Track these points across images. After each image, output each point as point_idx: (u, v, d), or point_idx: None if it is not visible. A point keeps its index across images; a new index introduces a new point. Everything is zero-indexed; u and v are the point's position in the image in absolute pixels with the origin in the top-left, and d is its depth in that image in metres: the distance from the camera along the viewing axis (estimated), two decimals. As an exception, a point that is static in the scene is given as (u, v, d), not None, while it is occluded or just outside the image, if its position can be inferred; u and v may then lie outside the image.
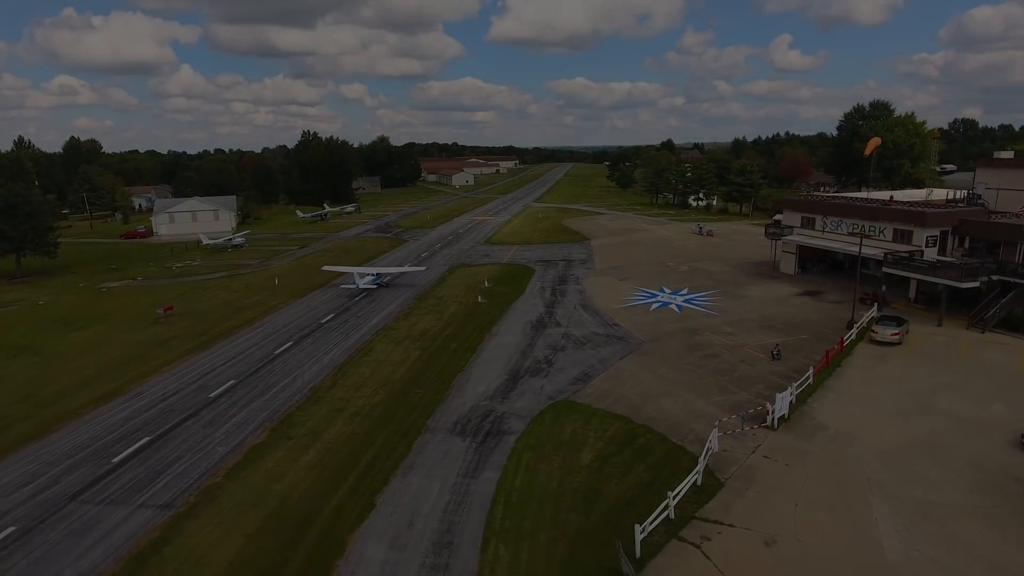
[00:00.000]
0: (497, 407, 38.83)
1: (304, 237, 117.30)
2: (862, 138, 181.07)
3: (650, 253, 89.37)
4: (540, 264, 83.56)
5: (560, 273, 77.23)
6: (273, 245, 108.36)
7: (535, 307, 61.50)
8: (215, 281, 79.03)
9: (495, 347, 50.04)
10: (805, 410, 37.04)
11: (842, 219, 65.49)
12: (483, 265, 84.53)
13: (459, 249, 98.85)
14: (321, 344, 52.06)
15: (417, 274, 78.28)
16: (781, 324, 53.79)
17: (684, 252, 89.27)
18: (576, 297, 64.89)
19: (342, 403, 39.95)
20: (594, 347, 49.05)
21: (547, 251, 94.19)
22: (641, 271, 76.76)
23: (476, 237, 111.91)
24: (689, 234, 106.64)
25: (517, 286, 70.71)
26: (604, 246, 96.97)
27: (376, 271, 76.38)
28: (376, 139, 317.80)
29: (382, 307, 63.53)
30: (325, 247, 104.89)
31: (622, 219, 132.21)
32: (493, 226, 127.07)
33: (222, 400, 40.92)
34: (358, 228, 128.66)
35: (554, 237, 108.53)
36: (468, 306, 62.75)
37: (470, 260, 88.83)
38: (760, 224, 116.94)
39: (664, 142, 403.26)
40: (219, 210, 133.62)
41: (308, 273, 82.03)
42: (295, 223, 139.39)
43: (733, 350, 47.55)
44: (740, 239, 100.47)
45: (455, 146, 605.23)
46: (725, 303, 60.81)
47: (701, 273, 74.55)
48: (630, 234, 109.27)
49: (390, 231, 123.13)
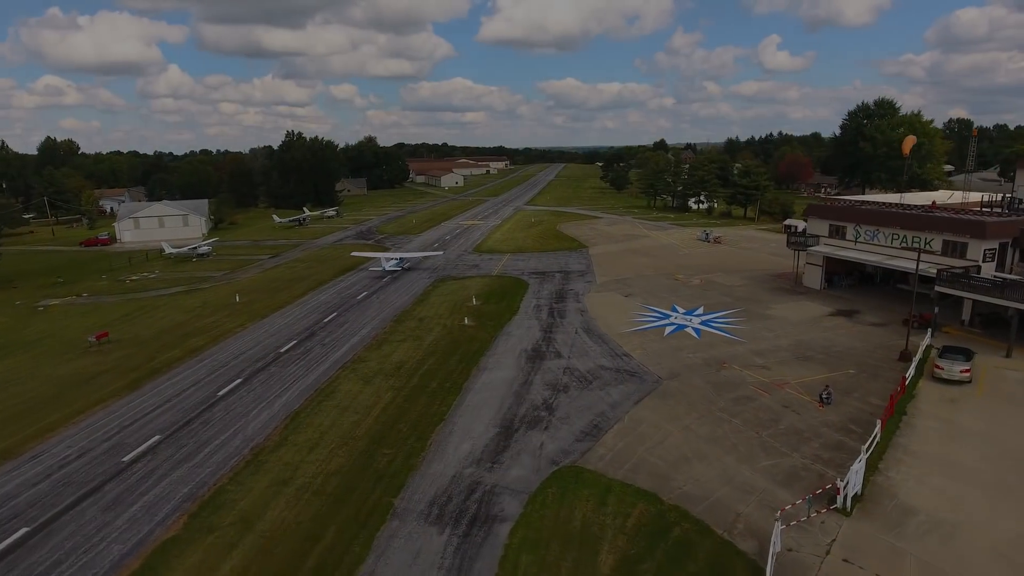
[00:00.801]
0: (486, 477, 30.44)
1: (278, 245, 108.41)
2: (866, 137, 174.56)
3: (655, 263, 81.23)
4: (534, 277, 75.22)
5: (557, 288, 68.93)
6: (243, 254, 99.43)
7: (530, 331, 53.14)
8: (168, 298, 70.13)
9: (484, 386, 41.64)
10: (880, 482, 28.87)
11: (879, 228, 57.57)
12: (471, 278, 76.10)
13: (445, 258, 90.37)
14: (275, 382, 43.45)
15: (436, 258, 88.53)
16: (820, 354, 45.72)
17: (692, 262, 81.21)
18: (577, 318, 56.60)
19: (288, 471, 31.42)
20: (603, 386, 40.76)
21: (542, 261, 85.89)
22: (648, 285, 68.57)
23: (464, 244, 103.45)
24: (695, 241, 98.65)
25: (509, 304, 62.35)
26: (604, 255, 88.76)
27: (400, 256, 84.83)
28: (363, 139, 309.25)
29: (354, 331, 54.99)
30: (298, 256, 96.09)
31: (620, 224, 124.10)
32: (483, 232, 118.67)
33: (137, 467, 32.27)
34: (338, 234, 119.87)
35: (549, 244, 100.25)
36: (453, 330, 54.31)
37: (457, 272, 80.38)
38: (768, 230, 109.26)
39: (657, 142, 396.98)
40: (188, 215, 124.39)
41: (275, 287, 73.33)
42: (271, 229, 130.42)
43: (771, 390, 39.38)
44: (750, 247, 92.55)
45: (445, 146, 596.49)
46: (750, 326, 52.69)
47: (716, 288, 66.44)
48: (630, 241, 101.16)
49: (371, 237, 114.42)
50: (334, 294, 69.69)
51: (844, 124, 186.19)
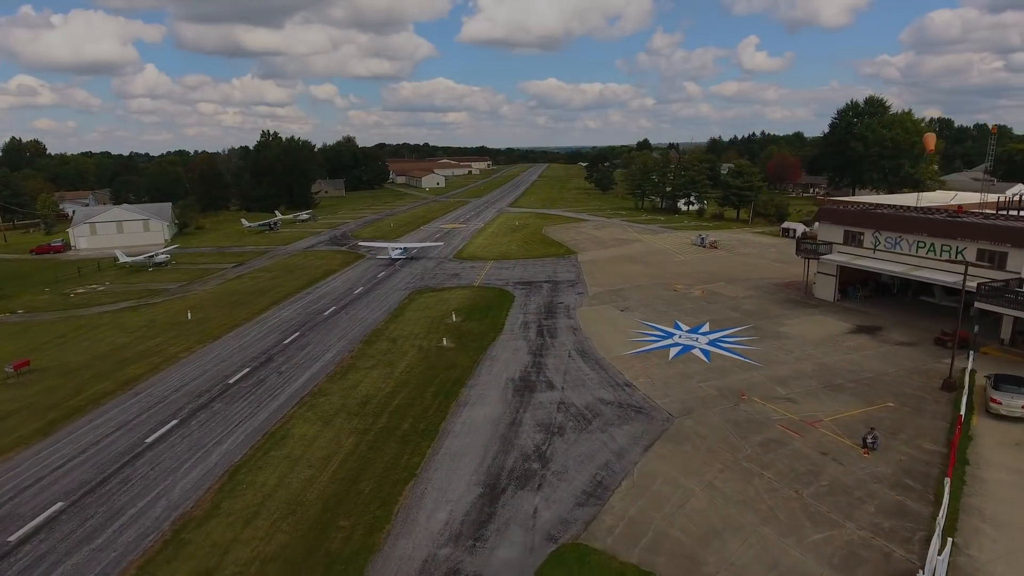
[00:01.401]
0: (465, 562, 24.12)
1: (244, 252, 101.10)
2: (857, 136, 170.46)
3: (650, 271, 75.35)
4: (520, 288, 68.96)
5: (546, 300, 62.74)
6: (205, 262, 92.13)
7: (517, 354, 46.87)
8: (112, 315, 62.91)
9: (464, 427, 35.31)
10: (964, 565, 22.97)
11: (902, 235, 52.05)
12: (451, 289, 69.68)
13: (423, 267, 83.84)
14: (217, 423, 36.78)
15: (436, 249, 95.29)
16: (850, 381, 39.96)
17: (690, 269, 75.45)
18: (570, 337, 50.42)
19: (215, 556, 24.86)
20: (604, 426, 34.62)
21: (527, 269, 79.66)
22: (645, 297, 62.61)
23: (444, 250, 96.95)
24: (689, 246, 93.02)
25: (493, 320, 56.04)
26: (594, 262, 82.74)
27: (404, 246, 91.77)
28: (342, 139, 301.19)
29: (317, 355, 48.37)
30: (265, 265, 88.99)
31: (609, 227, 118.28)
32: (464, 236, 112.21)
33: (23, 552, 25.53)
34: (310, 239, 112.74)
35: (534, 250, 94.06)
36: (430, 353, 47.90)
37: (435, 282, 73.91)
38: (764, 233, 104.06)
39: (640, 142, 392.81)
40: (150, 220, 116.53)
41: (234, 302, 66.37)
42: (240, 234, 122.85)
43: (803, 431, 33.48)
44: (749, 252, 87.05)
45: (426, 147, 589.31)
46: (764, 346, 46.86)
47: (720, 300, 60.64)
48: (621, 246, 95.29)
49: (346, 243, 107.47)
50: (299, 309, 62.94)
51: (833, 123, 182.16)
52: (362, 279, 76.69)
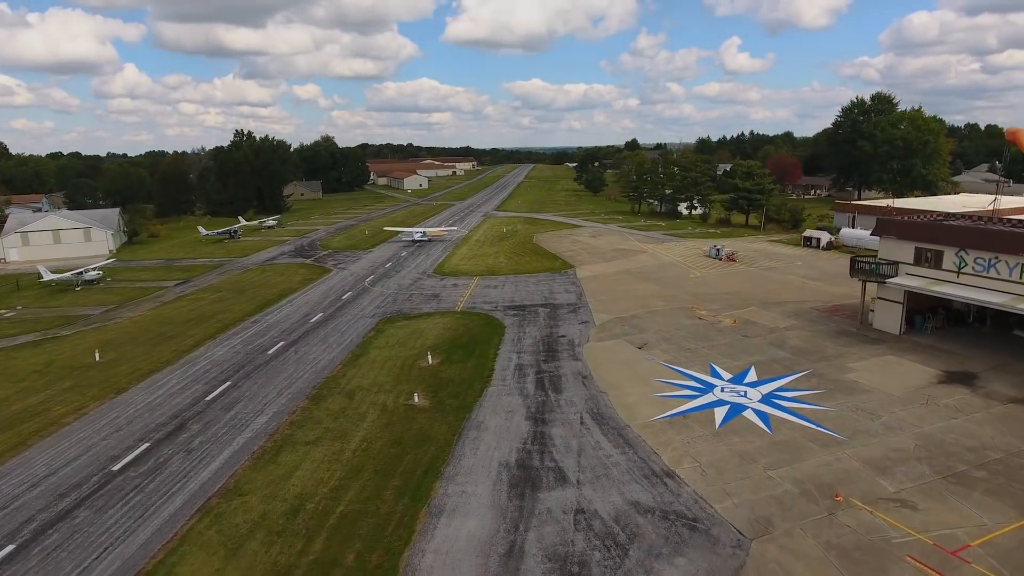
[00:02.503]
0: None
1: (195, 265, 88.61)
2: (865, 135, 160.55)
3: (664, 291, 64.07)
4: (512, 314, 57.40)
5: (543, 332, 51.21)
6: (145, 279, 79.60)
7: (512, 420, 35.27)
8: (6, 353, 50.47)
9: (437, 560, 23.63)
10: None
11: (999, 255, 41.07)
12: (428, 316, 57.94)
13: (397, 285, 71.97)
14: (70, 553, 24.78)
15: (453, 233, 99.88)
16: (974, 466, 28.81)
17: (711, 289, 64.28)
18: (579, 391, 38.93)
19: None
20: (647, 560, 23.10)
21: (519, 288, 68.06)
22: (665, 328, 51.26)
23: (423, 263, 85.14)
24: (703, 258, 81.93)
25: (479, 363, 44.40)
26: (596, 278, 71.32)
27: (423, 230, 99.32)
28: (319, 139, 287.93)
29: (246, 419, 36.47)
30: (213, 282, 76.57)
31: (606, 234, 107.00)
32: (446, 246, 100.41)
33: None
34: (272, 250, 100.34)
35: (526, 263, 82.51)
36: (395, 417, 36.18)
37: (410, 305, 62.12)
38: (781, 241, 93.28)
39: (629, 142, 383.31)
40: (91, 228, 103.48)
41: (161, 334, 54.17)
42: (196, 243, 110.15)
43: (948, 569, 22.16)
44: (773, 266, 76.04)
45: (410, 147, 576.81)
46: (836, 405, 35.63)
47: (758, 331, 49.45)
48: (624, 258, 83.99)
49: (312, 254, 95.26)
50: (240, 345, 50.90)
51: (838, 121, 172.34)
52: (323, 301, 64.68)
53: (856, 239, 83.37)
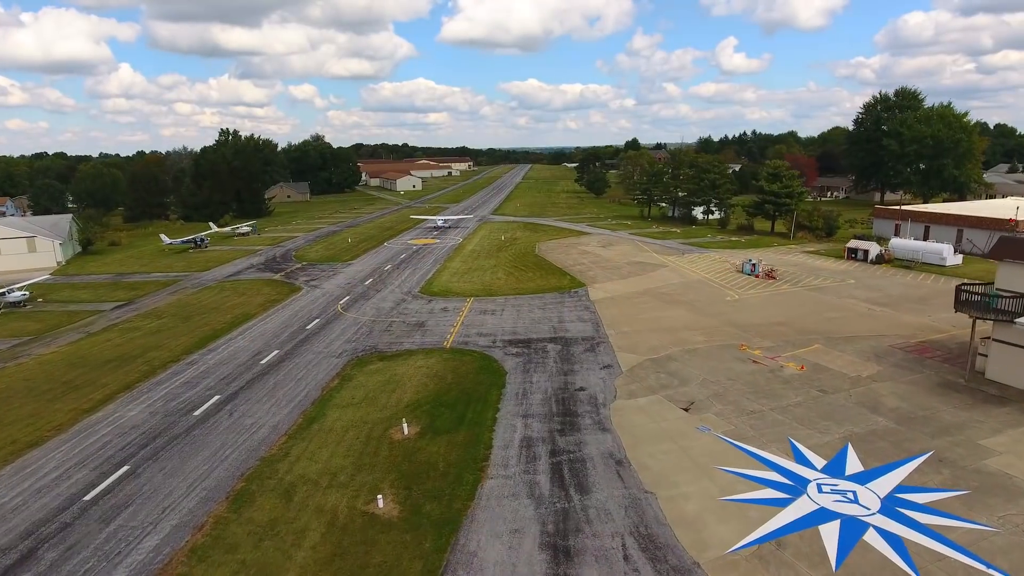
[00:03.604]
0: None
1: (147, 282, 76.80)
2: (890, 133, 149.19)
3: (700, 320, 52.58)
4: (514, 352, 45.82)
5: (556, 384, 39.63)
6: (81, 299, 67.77)
7: (520, 550, 23.66)
8: None
9: None
10: None
11: None
12: (409, 355, 46.29)
13: (375, 309, 60.32)
14: None
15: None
16: None
17: (756, 317, 52.81)
18: (615, 492, 27.32)
19: None
20: None
21: (521, 314, 56.51)
22: (713, 376, 39.71)
23: (408, 281, 73.46)
24: (735, 274, 70.45)
25: (472, 438, 32.78)
26: (613, 301, 59.80)
27: (446, 217, 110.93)
28: (309, 138, 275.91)
29: (128, 541, 24.80)
30: (158, 305, 64.71)
31: (618, 243, 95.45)
32: (437, 257, 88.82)
33: None
34: (240, 263, 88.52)
35: (528, 280, 70.95)
36: (347, 538, 24.54)
37: (389, 339, 50.48)
38: (818, 253, 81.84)
39: (629, 141, 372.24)
40: (36, 238, 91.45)
41: (67, 382, 42.38)
42: (157, 253, 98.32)
43: None
44: (823, 285, 64.58)
45: (405, 147, 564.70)
46: (999, 521, 24.11)
47: (835, 382, 37.92)
48: (643, 273, 72.43)
49: (283, 267, 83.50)
50: (161, 401, 39.20)
51: (859, 119, 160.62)
52: (283, 333, 52.99)
53: (911, 251, 72.04)
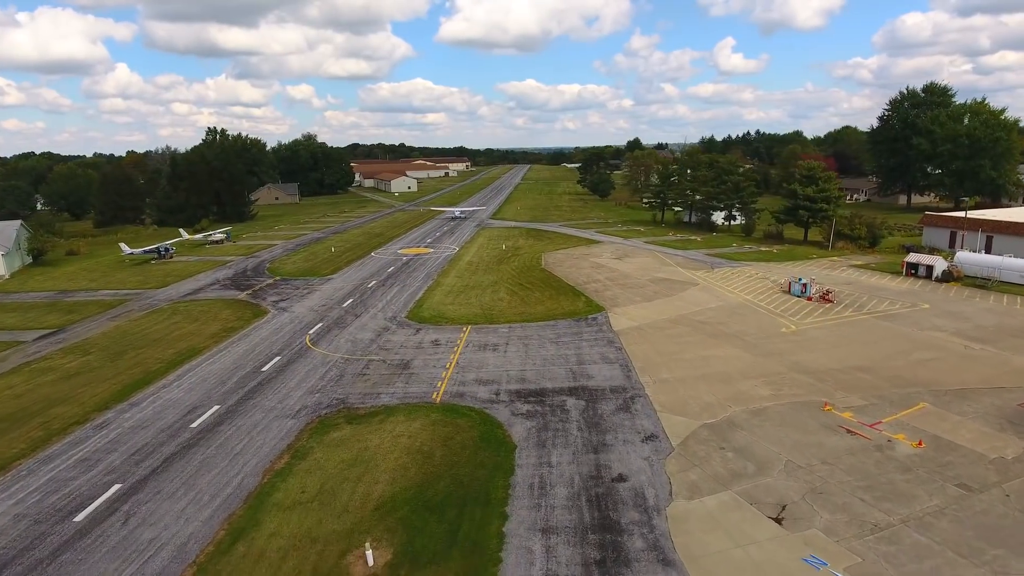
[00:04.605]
0: None
1: (89, 301, 65.82)
2: (920, 131, 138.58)
3: (757, 362, 41.74)
4: (523, 412, 34.98)
5: (586, 469, 28.81)
6: (7, 324, 56.80)
7: None
8: None
9: None
10: None
11: None
12: (387, 415, 35.40)
13: (351, 341, 49.40)
14: None
15: None
16: None
17: (826, 357, 41.98)
18: None
19: None
20: None
21: (531, 350, 45.67)
22: (799, 455, 28.87)
23: (394, 302, 62.58)
24: (780, 293, 59.70)
25: (468, 565, 21.96)
26: (642, 333, 48.97)
27: (461, 209, 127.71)
28: (301, 137, 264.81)
29: None
30: (93, 335, 53.65)
31: (634, 253, 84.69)
32: (429, 271, 77.97)
33: None
34: (203, 277, 77.52)
35: (536, 301, 60.12)
36: None
37: (364, 388, 39.60)
38: (870, 267, 71.08)
39: (631, 141, 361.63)
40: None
41: (-74, 459, 31.48)
42: (115, 265, 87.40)
43: None
44: (889, 311, 53.80)
45: (402, 147, 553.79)
46: None
47: (973, 467, 27.13)
48: (672, 294, 61.61)
49: (253, 283, 72.54)
50: (37, 494, 28.31)
51: (885, 116, 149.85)
52: (231, 378, 42.07)
53: (987, 267, 61.33)
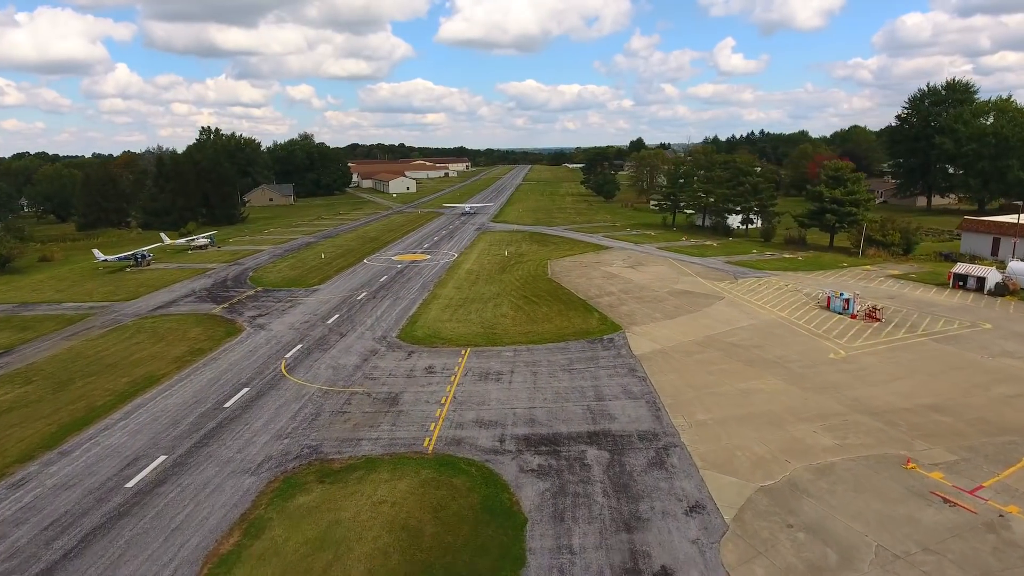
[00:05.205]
0: None
1: (52, 315, 59.43)
2: (943, 129, 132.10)
3: (808, 399, 35.28)
4: (534, 467, 28.56)
5: (616, 559, 22.37)
6: (-53, 347, 50.47)
7: None
8: None
9: None
10: None
11: None
12: (367, 469, 28.97)
13: (333, 368, 42.96)
14: None
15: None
16: None
17: (886, 392, 35.54)
18: None
19: None
20: None
21: (540, 381, 39.23)
22: (897, 543, 22.42)
23: (385, 318, 56.12)
24: (817, 309, 53.25)
25: None
26: (667, 360, 42.52)
27: (471, 205, 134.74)
28: (297, 136, 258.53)
29: None
30: (40, 358, 47.12)
31: (648, 261, 78.28)
32: (425, 280, 71.56)
33: None
34: (178, 287, 71.05)
35: (543, 317, 53.68)
36: None
37: (341, 434, 33.16)
38: (909, 278, 64.57)
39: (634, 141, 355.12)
40: (-70, 255, 74.22)
41: None
42: (87, 273, 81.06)
43: None
44: (948, 331, 47.31)
45: (401, 147, 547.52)
46: None
47: None
48: (696, 309, 55.17)
49: (230, 295, 66.09)
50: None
51: (904, 114, 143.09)
52: (189, 415, 35.64)
53: (1048, 280, 54.92)
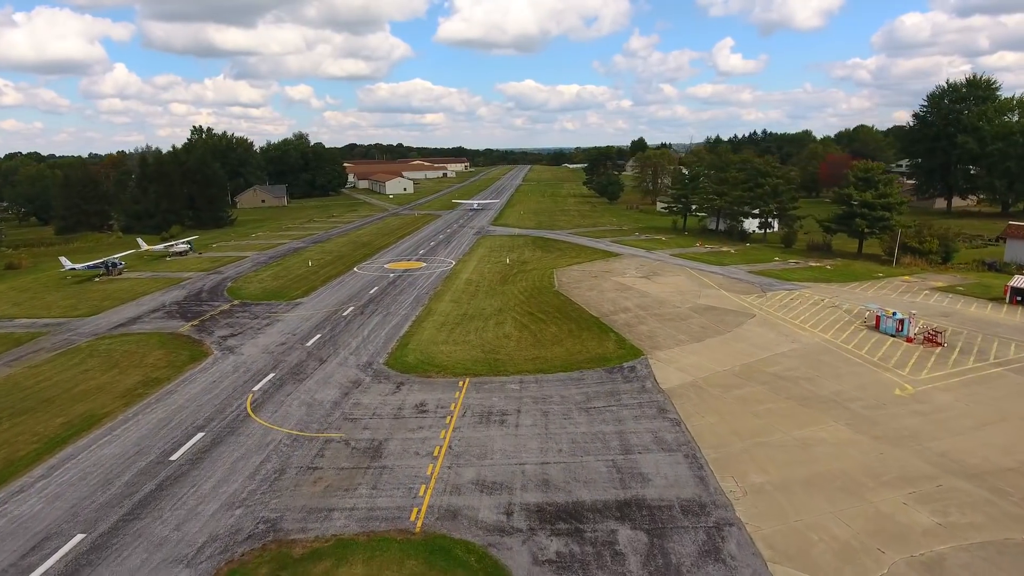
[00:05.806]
0: None
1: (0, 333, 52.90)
2: (965, 128, 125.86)
3: (890, 456, 28.77)
4: (551, 557, 22.05)
5: None
6: None
7: None
8: None
9: None
10: None
11: None
12: (337, 558, 22.47)
13: (306, 405, 36.42)
14: None
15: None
16: None
17: (988, 448, 29.06)
18: None
19: None
20: None
21: (551, 427, 32.73)
22: None
23: (373, 338, 49.54)
24: (862, 328, 46.78)
25: None
26: (703, 397, 36.02)
27: (478, 201, 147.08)
28: (292, 136, 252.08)
29: None
30: (-33, 392, 40.75)
31: (664, 270, 71.74)
32: (419, 293, 65.02)
33: None
34: (149, 300, 64.48)
35: (551, 338, 47.15)
36: None
37: (308, 501, 26.68)
38: (960, 292, 58.09)
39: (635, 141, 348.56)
40: None
41: None
42: (54, 282, 74.47)
43: None
44: (1018, 356, 40.87)
45: (400, 147, 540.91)
46: None
47: None
48: (726, 329, 48.65)
49: (202, 310, 59.53)
50: None
51: (922, 113, 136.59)
52: (127, 471, 29.11)
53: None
